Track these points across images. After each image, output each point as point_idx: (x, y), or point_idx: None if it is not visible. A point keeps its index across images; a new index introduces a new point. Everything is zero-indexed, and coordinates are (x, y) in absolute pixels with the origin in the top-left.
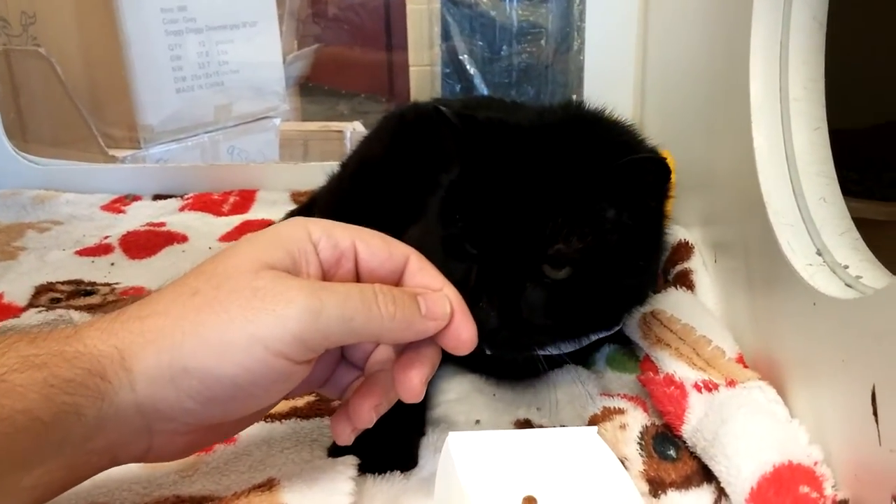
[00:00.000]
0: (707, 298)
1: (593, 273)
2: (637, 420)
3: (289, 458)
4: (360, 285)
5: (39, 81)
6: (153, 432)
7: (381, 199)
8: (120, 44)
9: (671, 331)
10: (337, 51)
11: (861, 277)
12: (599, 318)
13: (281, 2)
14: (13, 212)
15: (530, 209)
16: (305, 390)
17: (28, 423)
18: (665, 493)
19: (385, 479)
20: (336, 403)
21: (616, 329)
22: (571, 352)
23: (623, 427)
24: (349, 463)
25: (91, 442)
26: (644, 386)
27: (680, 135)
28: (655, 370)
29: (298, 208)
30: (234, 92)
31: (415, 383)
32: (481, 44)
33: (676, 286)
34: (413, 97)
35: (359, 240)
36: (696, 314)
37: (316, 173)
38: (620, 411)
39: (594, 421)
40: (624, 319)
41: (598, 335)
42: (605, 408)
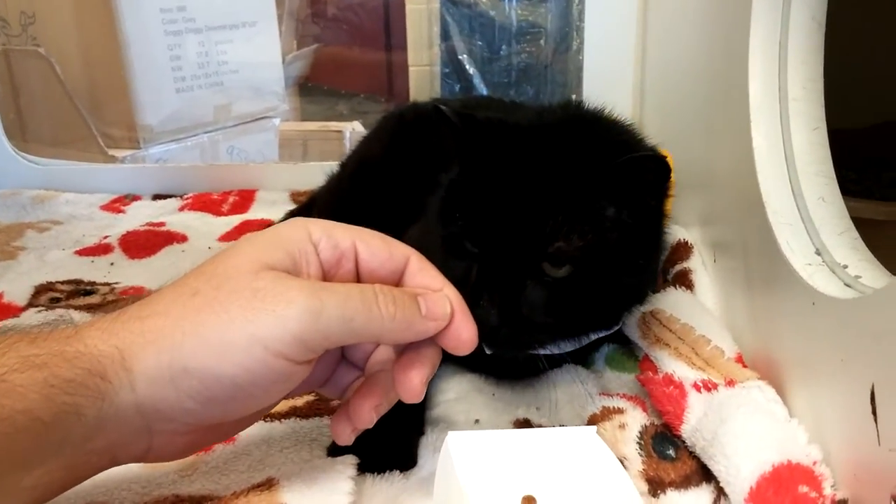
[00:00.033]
0: (706, 298)
1: (593, 271)
2: (636, 420)
3: (288, 458)
4: (360, 286)
5: (39, 81)
6: (153, 432)
7: (380, 199)
8: (119, 44)
9: (670, 330)
10: (336, 51)
11: (860, 277)
12: (600, 317)
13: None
14: (13, 212)
15: (530, 207)
16: (305, 390)
17: (28, 423)
18: (664, 492)
19: (384, 478)
20: (335, 403)
21: (615, 328)
22: (571, 351)
23: (622, 427)
24: (348, 462)
25: (91, 442)
26: (643, 385)
27: (679, 134)
28: (655, 370)
29: (298, 208)
30: (234, 92)
31: (415, 383)
32: (480, 44)
33: (675, 286)
34: (412, 97)
35: (359, 240)
36: (695, 314)
37: (315, 173)
38: (620, 411)
39: (593, 420)
40: (623, 319)
41: (598, 334)
42: (604, 407)
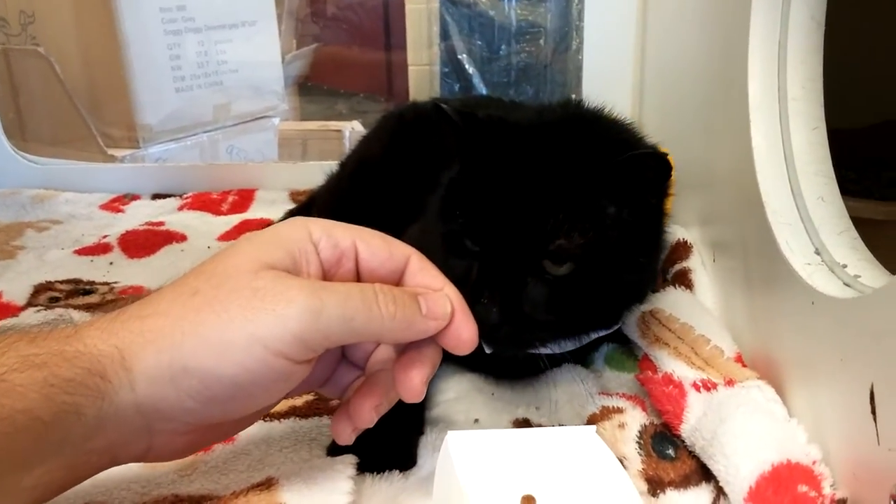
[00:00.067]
0: (706, 298)
1: (594, 269)
2: (636, 419)
3: (287, 458)
4: (360, 285)
5: (38, 81)
6: (153, 432)
7: (380, 199)
8: (119, 43)
9: (670, 330)
10: (336, 50)
11: (859, 277)
12: (601, 315)
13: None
14: (12, 211)
15: (531, 205)
16: (306, 390)
17: (28, 422)
18: (664, 492)
19: (384, 478)
20: (335, 403)
21: (615, 328)
22: (570, 350)
23: (622, 426)
24: (348, 462)
25: (91, 441)
26: (643, 385)
27: (678, 134)
28: (654, 369)
29: (297, 208)
30: (233, 91)
31: (416, 383)
32: (480, 43)
33: (675, 285)
34: (412, 97)
35: (359, 239)
36: (694, 313)
37: (315, 173)
38: (619, 410)
39: (593, 420)
40: (623, 318)
41: (598, 333)
42: (603, 407)
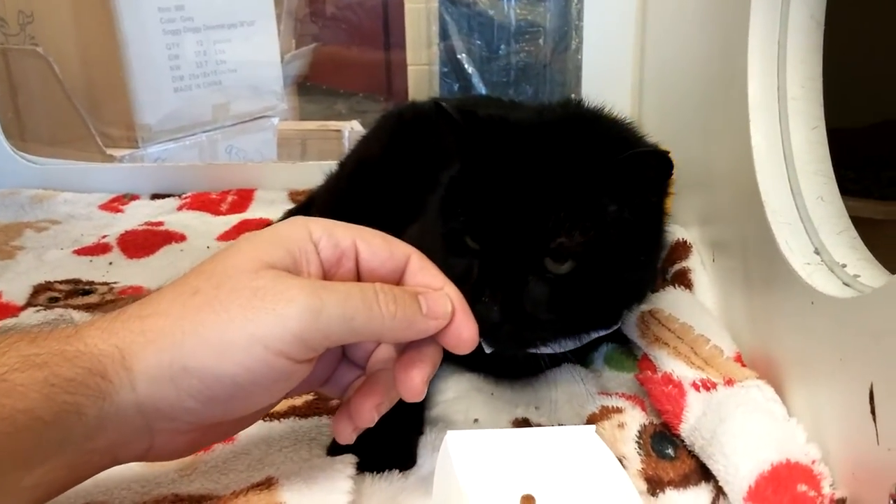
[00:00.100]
0: (705, 297)
1: (595, 267)
2: (635, 419)
3: (287, 457)
4: (360, 284)
5: (37, 81)
6: (154, 431)
7: (379, 199)
8: (118, 43)
9: (669, 329)
10: (335, 50)
11: (859, 276)
12: (602, 313)
13: (279, 1)
14: (11, 211)
15: (532, 203)
16: (306, 389)
17: (29, 422)
18: (663, 491)
19: (383, 477)
20: (334, 403)
21: (615, 328)
22: (570, 350)
23: (621, 426)
24: (348, 462)
25: (92, 441)
26: (642, 385)
27: (678, 134)
28: (654, 369)
29: (296, 207)
30: (232, 91)
31: (416, 382)
32: (479, 43)
33: (674, 285)
34: (411, 96)
35: (360, 239)
36: (694, 313)
37: (314, 172)
38: (619, 410)
39: (592, 420)
40: (623, 317)
41: (598, 333)
42: (603, 406)
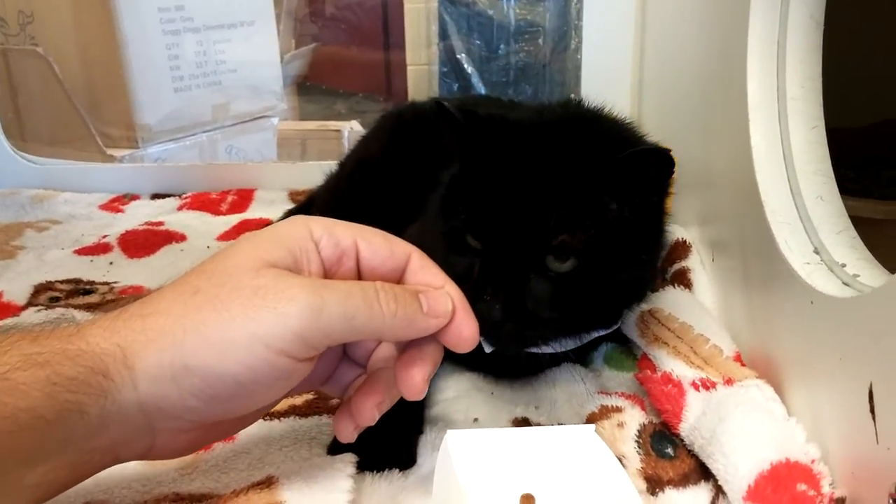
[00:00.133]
0: (705, 297)
1: (597, 266)
2: (635, 418)
3: (287, 456)
4: (361, 283)
5: (37, 81)
6: (156, 430)
7: (379, 199)
8: (117, 43)
9: (669, 329)
10: (334, 50)
11: (858, 276)
12: (603, 312)
13: (278, 1)
14: (12, 211)
15: (534, 201)
16: (307, 388)
17: (31, 421)
18: (663, 491)
19: (383, 477)
20: (335, 402)
21: (615, 327)
22: (570, 350)
23: (621, 425)
24: (348, 461)
25: (94, 440)
26: (642, 384)
27: (677, 134)
28: (653, 368)
29: (296, 207)
30: (232, 91)
31: (417, 381)
32: (479, 43)
33: (674, 285)
34: (411, 96)
35: (360, 238)
36: (693, 312)
37: (314, 172)
38: (618, 409)
39: (592, 419)
40: (623, 317)
41: (598, 333)
42: (602, 406)
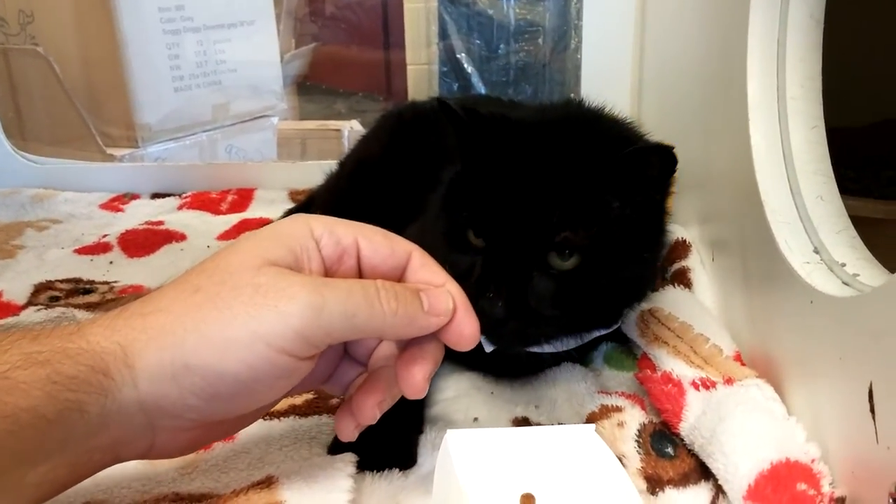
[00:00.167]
0: (704, 296)
1: (599, 263)
2: (635, 418)
3: (287, 456)
4: (362, 281)
5: (37, 80)
6: (156, 429)
7: (379, 198)
8: (117, 43)
9: (669, 328)
10: (334, 50)
11: (858, 275)
12: (605, 310)
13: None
14: (12, 210)
15: (537, 199)
16: (309, 387)
17: (32, 420)
18: (663, 490)
19: (384, 476)
20: (335, 402)
21: (615, 327)
22: (571, 349)
23: (621, 425)
24: (348, 460)
25: (94, 439)
26: (642, 384)
27: (677, 133)
28: (653, 368)
29: (296, 207)
30: (232, 91)
31: (418, 379)
32: (479, 42)
33: (674, 284)
34: (410, 96)
35: (361, 236)
36: (693, 312)
37: (314, 172)
38: (618, 409)
39: (592, 419)
40: (623, 316)
41: (599, 332)
42: (602, 405)
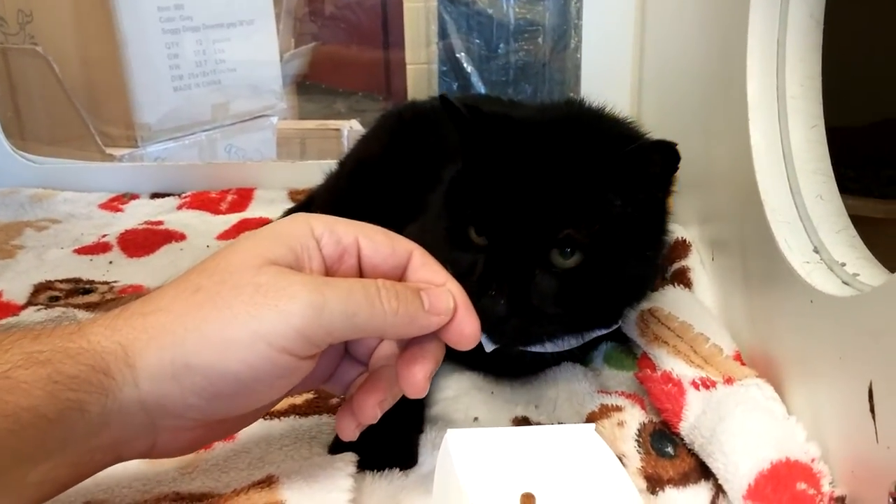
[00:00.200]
0: (704, 296)
1: (602, 261)
2: (635, 417)
3: (288, 455)
4: (363, 280)
5: (37, 80)
6: (157, 428)
7: (379, 198)
8: (117, 42)
9: (669, 328)
10: (334, 49)
11: (858, 275)
12: (607, 308)
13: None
14: (11, 210)
15: (539, 196)
16: (309, 386)
17: (33, 419)
18: (663, 489)
19: (384, 476)
20: (335, 401)
21: (615, 326)
22: (572, 348)
23: (621, 424)
24: (348, 460)
25: (95, 438)
26: (642, 383)
27: (677, 133)
28: (653, 367)
29: (296, 207)
30: (232, 90)
31: (419, 378)
32: (478, 42)
33: (674, 284)
34: (410, 95)
35: (362, 235)
36: (693, 312)
37: (313, 172)
38: (618, 408)
39: (592, 418)
40: (624, 315)
41: (599, 331)
42: (602, 405)
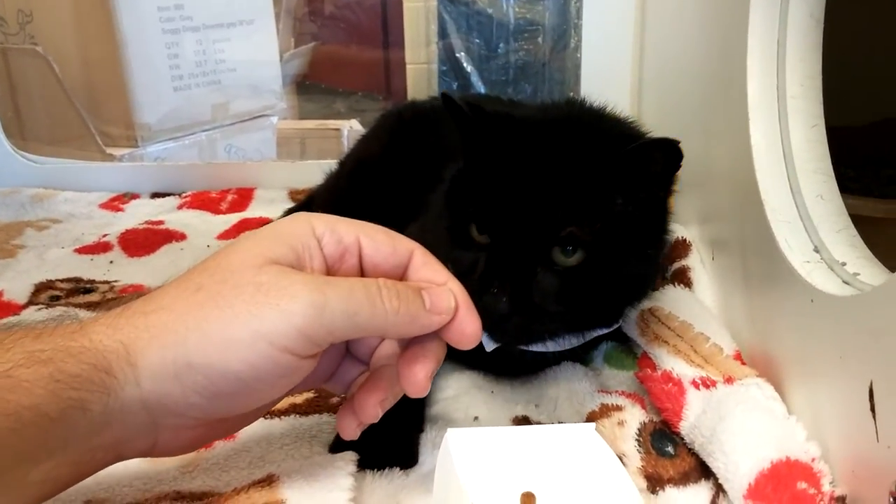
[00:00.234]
0: (705, 296)
1: (603, 260)
2: (635, 417)
3: (288, 454)
4: (364, 280)
5: (37, 80)
6: (159, 427)
7: (379, 198)
8: (117, 42)
9: (669, 328)
10: (334, 49)
11: (858, 274)
12: (608, 307)
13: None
14: (12, 210)
15: (541, 194)
16: (311, 385)
17: (34, 418)
18: (663, 489)
19: (384, 475)
20: (335, 400)
21: (616, 326)
22: (572, 348)
23: (621, 424)
24: (349, 459)
25: (97, 437)
26: (642, 383)
27: (677, 133)
28: (653, 367)
29: (296, 206)
30: (232, 90)
31: (420, 378)
32: (478, 41)
33: (674, 283)
34: (410, 95)
35: (363, 235)
36: (693, 311)
37: (313, 171)
38: (618, 408)
39: (592, 417)
40: (624, 315)
41: (600, 331)
42: (603, 404)
